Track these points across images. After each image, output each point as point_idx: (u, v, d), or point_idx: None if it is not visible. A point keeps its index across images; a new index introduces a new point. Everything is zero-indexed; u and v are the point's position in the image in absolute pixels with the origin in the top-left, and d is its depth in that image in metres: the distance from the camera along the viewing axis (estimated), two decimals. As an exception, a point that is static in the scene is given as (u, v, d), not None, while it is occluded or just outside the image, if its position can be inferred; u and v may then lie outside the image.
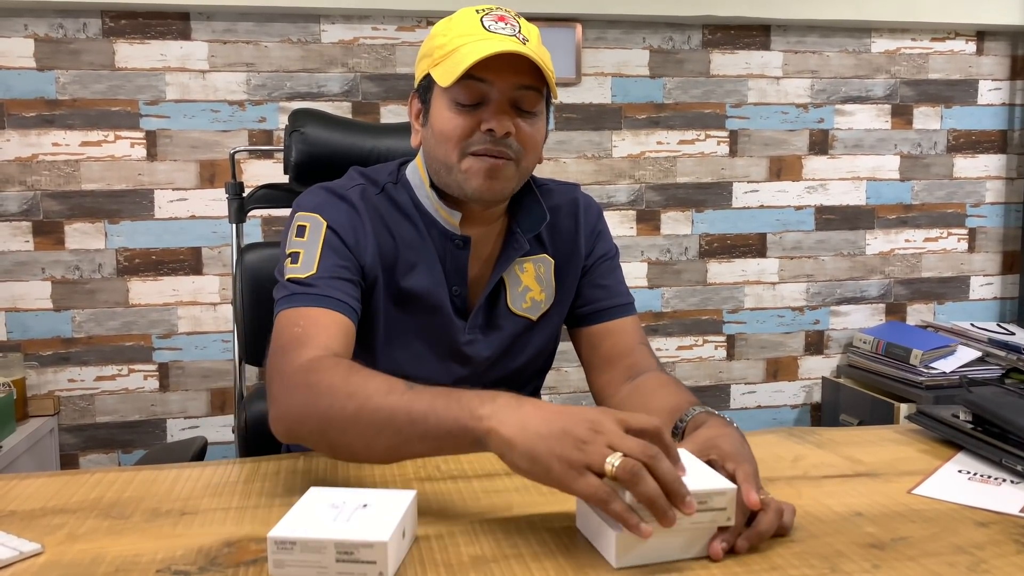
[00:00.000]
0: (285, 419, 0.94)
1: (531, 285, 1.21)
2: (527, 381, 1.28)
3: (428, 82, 1.09)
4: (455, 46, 1.04)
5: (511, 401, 0.81)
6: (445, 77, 1.04)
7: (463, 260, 1.15)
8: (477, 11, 1.08)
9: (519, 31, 1.06)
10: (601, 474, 0.73)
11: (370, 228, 1.12)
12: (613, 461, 0.72)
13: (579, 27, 2.57)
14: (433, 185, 1.15)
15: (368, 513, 0.75)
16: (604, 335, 1.23)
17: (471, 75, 1.03)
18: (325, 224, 1.10)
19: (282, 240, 1.14)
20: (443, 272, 1.15)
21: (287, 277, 1.07)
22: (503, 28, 1.05)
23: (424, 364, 1.17)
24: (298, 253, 1.08)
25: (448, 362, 1.18)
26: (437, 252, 1.15)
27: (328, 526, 0.72)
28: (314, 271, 1.06)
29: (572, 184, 1.29)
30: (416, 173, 1.18)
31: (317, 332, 1.00)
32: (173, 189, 2.45)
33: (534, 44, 1.06)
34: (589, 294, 1.25)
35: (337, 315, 1.03)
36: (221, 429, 2.52)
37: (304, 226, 1.11)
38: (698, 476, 0.77)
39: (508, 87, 1.05)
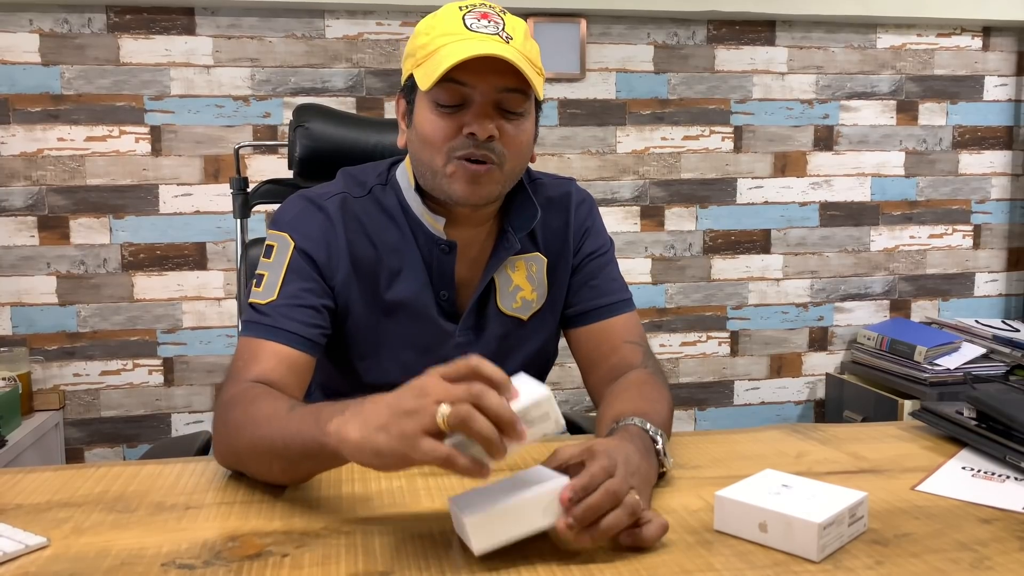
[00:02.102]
0: (216, 452, 1.00)
1: (522, 284, 1.18)
2: None
3: (412, 82, 1.06)
4: (436, 46, 1.01)
5: (356, 406, 0.79)
6: (425, 80, 1.01)
7: (449, 265, 1.14)
8: (460, 7, 1.04)
9: (503, 28, 1.02)
10: (442, 434, 0.73)
11: (344, 242, 1.11)
12: (444, 412, 0.72)
13: (583, 22, 2.56)
14: (418, 188, 1.12)
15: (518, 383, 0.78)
16: (589, 336, 1.20)
17: (451, 78, 1.00)
18: (292, 245, 1.09)
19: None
20: (429, 277, 1.14)
21: (249, 301, 1.08)
22: (485, 26, 1.02)
23: (414, 373, 1.15)
24: (263, 276, 1.09)
25: None
26: (423, 256, 1.14)
27: None
28: (274, 297, 1.06)
29: (567, 178, 1.26)
30: (404, 175, 1.15)
31: (254, 365, 1.02)
32: (178, 184, 2.45)
33: (519, 41, 1.02)
34: (576, 295, 1.21)
35: (281, 348, 1.03)
36: (225, 424, 2.52)
37: (272, 246, 1.11)
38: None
39: (490, 89, 1.01)
